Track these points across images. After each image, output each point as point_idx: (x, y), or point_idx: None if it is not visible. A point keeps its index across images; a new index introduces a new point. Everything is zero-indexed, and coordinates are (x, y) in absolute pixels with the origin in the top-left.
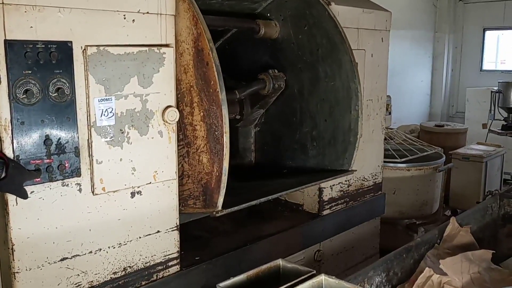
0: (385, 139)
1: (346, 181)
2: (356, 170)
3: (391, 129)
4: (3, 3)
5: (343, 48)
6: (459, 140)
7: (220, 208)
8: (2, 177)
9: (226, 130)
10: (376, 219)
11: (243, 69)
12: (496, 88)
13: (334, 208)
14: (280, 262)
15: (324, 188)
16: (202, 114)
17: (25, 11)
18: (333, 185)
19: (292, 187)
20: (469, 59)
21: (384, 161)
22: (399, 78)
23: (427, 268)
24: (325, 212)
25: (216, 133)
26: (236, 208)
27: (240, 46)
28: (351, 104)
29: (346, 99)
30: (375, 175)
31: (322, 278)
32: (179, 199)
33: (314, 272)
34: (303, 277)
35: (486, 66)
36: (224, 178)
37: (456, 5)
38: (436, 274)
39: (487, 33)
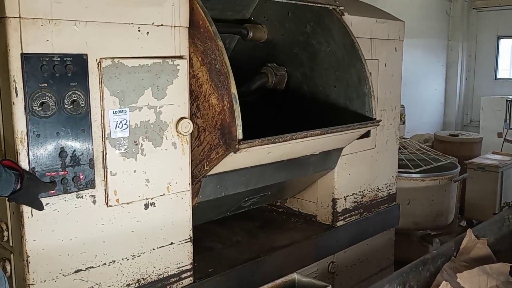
0: (398, 148)
1: (360, 192)
2: (381, 120)
3: (405, 138)
4: (20, 17)
5: (328, 13)
6: (474, 150)
7: (241, 136)
8: (17, 188)
9: (224, 57)
10: (391, 230)
11: (245, 77)
12: (511, 96)
13: (348, 219)
14: (295, 276)
15: (338, 199)
16: (200, 58)
17: (42, 25)
18: (347, 196)
19: (320, 133)
20: (483, 67)
21: (398, 171)
22: (412, 87)
23: (444, 282)
24: (339, 223)
25: (217, 66)
26: (258, 141)
27: (239, 59)
28: (352, 59)
29: (346, 56)
30: (389, 185)
31: None
32: (202, 159)
33: (330, 286)
34: None
35: (501, 74)
36: (237, 106)
37: (469, 13)
38: None
39: (502, 41)
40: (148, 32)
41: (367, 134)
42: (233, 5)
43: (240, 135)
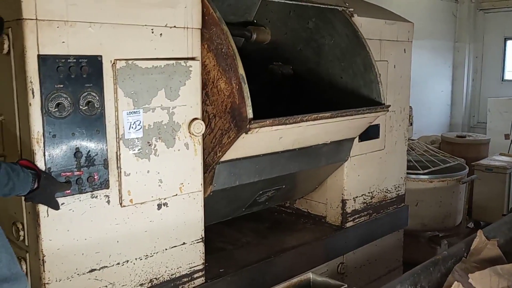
0: (406, 150)
1: (369, 193)
2: (390, 105)
3: (412, 140)
4: (36, 19)
5: (329, 8)
6: (481, 151)
7: (251, 116)
8: (34, 188)
9: (230, 40)
10: (399, 231)
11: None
12: None
13: (357, 220)
14: (310, 275)
15: (347, 200)
16: (206, 45)
17: (58, 27)
18: (356, 197)
19: (330, 116)
20: (490, 68)
21: (406, 173)
22: (419, 88)
23: (455, 282)
24: (348, 224)
25: (223, 50)
26: (269, 121)
27: (245, 61)
28: (356, 48)
29: (350, 46)
30: (398, 186)
31: None
32: (214, 146)
33: (346, 286)
34: None
35: (508, 76)
36: (245, 87)
37: (476, 14)
38: None
39: (508, 42)
40: (161, 34)
41: (376, 135)
42: (236, 9)
43: (250, 114)
